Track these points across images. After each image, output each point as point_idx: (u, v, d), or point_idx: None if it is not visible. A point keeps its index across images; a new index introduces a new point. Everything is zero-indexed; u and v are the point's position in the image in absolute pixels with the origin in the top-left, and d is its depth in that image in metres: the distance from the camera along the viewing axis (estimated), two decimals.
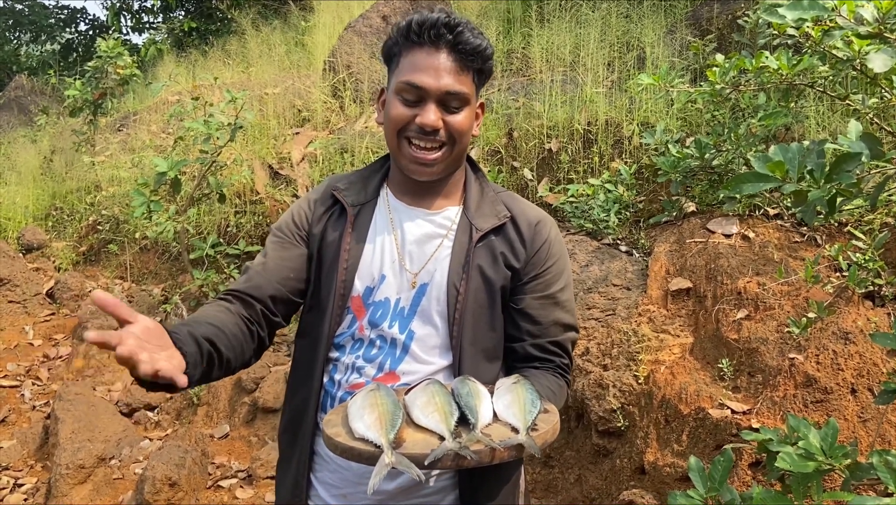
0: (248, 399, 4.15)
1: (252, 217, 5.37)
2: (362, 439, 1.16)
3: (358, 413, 1.21)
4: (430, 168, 1.47)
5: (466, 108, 1.46)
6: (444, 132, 1.44)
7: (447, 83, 1.41)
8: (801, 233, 3.14)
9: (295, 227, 1.56)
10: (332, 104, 6.28)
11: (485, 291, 1.48)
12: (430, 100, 1.42)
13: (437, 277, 1.49)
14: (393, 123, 1.45)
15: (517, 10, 6.57)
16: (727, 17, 4.75)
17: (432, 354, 1.48)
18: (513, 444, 1.16)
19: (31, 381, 4.81)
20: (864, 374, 2.53)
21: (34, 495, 3.64)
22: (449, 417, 1.19)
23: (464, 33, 1.42)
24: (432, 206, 1.55)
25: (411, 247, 1.51)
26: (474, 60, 1.45)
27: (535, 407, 1.24)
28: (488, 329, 1.50)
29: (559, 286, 1.54)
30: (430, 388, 1.28)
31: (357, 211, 1.54)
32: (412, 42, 1.44)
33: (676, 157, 3.33)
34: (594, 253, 3.50)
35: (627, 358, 2.99)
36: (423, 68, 1.41)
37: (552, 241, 1.55)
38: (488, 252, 1.50)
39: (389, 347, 1.49)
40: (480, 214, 1.53)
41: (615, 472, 2.91)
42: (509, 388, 1.30)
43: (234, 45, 8.92)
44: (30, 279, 5.78)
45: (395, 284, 1.50)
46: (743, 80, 3.02)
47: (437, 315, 1.48)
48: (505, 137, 4.61)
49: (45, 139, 8.59)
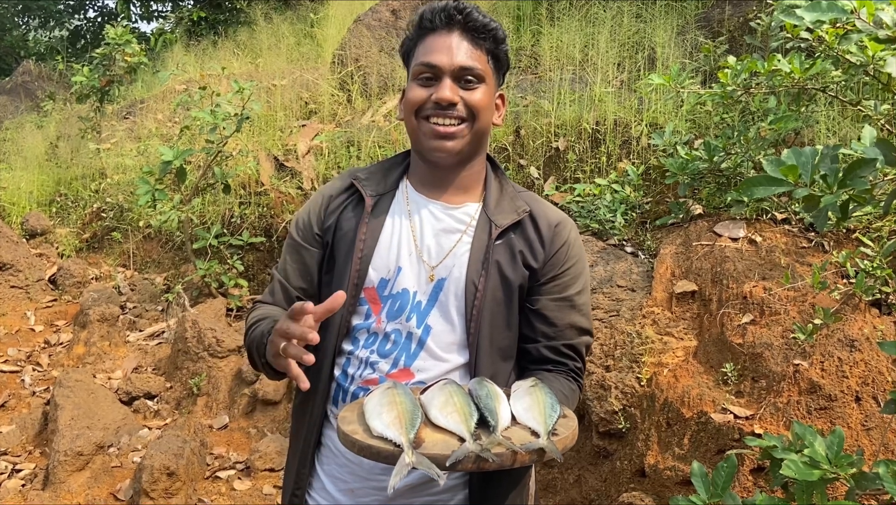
0: (248, 391, 4.14)
1: (256, 208, 5.36)
2: (381, 438, 1.14)
3: (376, 411, 1.18)
4: (451, 142, 1.46)
5: (483, 86, 1.47)
6: (463, 107, 1.45)
7: (461, 59, 1.44)
8: (808, 238, 3.12)
9: (310, 227, 1.57)
10: (340, 97, 6.26)
11: (502, 290, 1.47)
12: (445, 76, 1.44)
13: (456, 273, 1.47)
14: (410, 105, 1.47)
15: (527, 7, 6.55)
16: (739, 20, 4.73)
17: (449, 351, 1.47)
18: (534, 448, 1.14)
19: (32, 366, 4.81)
20: (869, 382, 2.51)
21: (32, 481, 3.64)
22: (469, 419, 1.17)
23: (473, 13, 1.46)
24: (452, 201, 1.54)
25: (429, 239, 1.50)
26: (486, 38, 1.47)
27: (554, 411, 1.22)
28: (505, 328, 1.49)
29: (576, 289, 1.53)
30: (448, 388, 1.25)
31: (375, 200, 1.54)
32: (425, 29, 1.47)
33: (685, 158, 3.31)
34: (599, 253, 3.48)
35: (630, 360, 2.97)
36: (436, 49, 1.45)
37: (571, 243, 1.54)
38: (507, 250, 1.49)
39: (405, 342, 1.47)
40: (500, 211, 1.52)
41: (615, 473, 2.89)
42: (527, 390, 1.28)
43: (243, 36, 8.91)
44: (32, 265, 5.78)
45: (413, 277, 1.49)
46: (754, 83, 3.00)
47: (455, 311, 1.47)
48: (512, 135, 4.59)
49: (51, 125, 8.58)
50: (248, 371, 4.18)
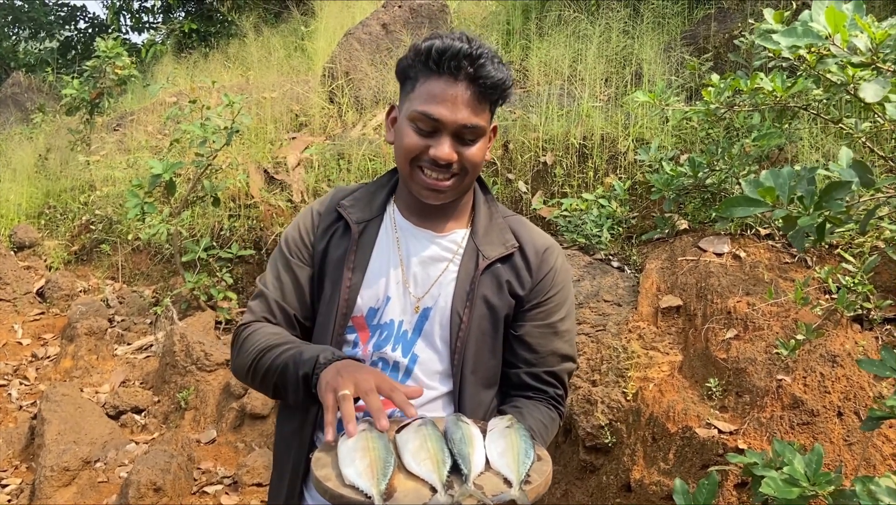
0: (236, 405, 4.13)
1: (246, 221, 5.36)
2: (352, 487, 1.14)
3: (349, 457, 1.18)
4: (442, 194, 1.45)
5: (481, 140, 1.43)
6: (458, 164, 1.42)
7: (464, 116, 1.37)
8: (791, 254, 3.16)
9: (302, 245, 1.56)
10: (330, 110, 6.29)
11: (488, 319, 1.47)
12: (444, 132, 1.38)
13: (441, 303, 1.47)
14: (405, 152, 1.42)
15: (517, 21, 6.60)
16: (724, 36, 4.78)
17: (433, 379, 1.47)
18: (506, 499, 1.15)
19: (19, 380, 4.78)
20: (851, 397, 2.54)
21: (18, 496, 3.61)
22: (441, 467, 1.17)
23: (485, 66, 1.37)
24: (439, 229, 1.53)
25: (416, 269, 1.50)
26: (493, 93, 1.40)
27: (528, 458, 1.22)
28: (490, 357, 1.50)
29: (560, 315, 1.53)
30: (423, 431, 1.25)
31: (362, 228, 1.52)
32: (430, 70, 1.38)
33: (670, 174, 3.35)
34: (586, 268, 3.50)
35: (616, 374, 2.99)
36: (439, 99, 1.37)
37: (558, 269, 1.54)
38: (494, 280, 1.48)
39: (391, 371, 1.47)
40: (488, 242, 1.51)
41: (601, 488, 2.91)
42: (503, 432, 1.28)
43: (234, 48, 8.92)
44: (20, 277, 5.75)
45: (399, 307, 1.49)
46: (738, 101, 3.04)
47: (440, 340, 1.47)
48: (500, 149, 4.62)
49: (40, 137, 8.56)
50: (237, 385, 4.17)
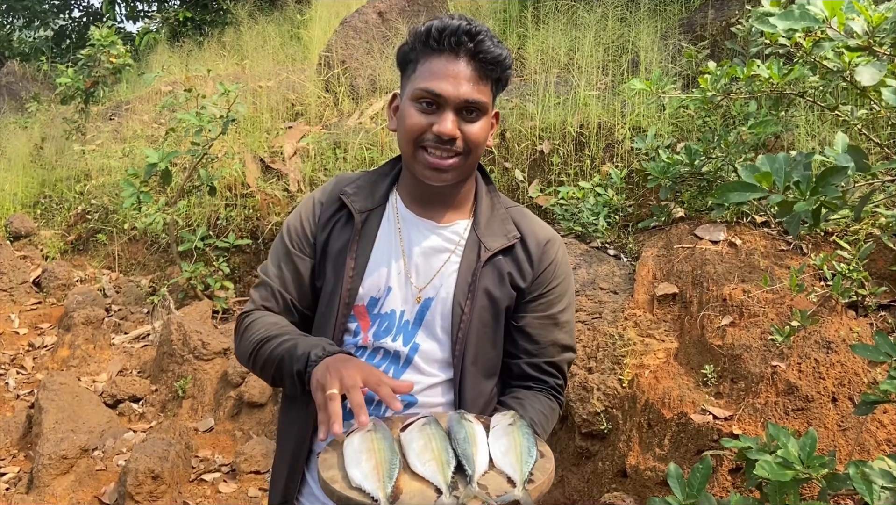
0: (233, 393, 4.14)
1: (242, 210, 5.35)
2: (359, 489, 1.16)
3: (355, 458, 1.20)
4: (445, 174, 1.44)
5: (483, 118, 1.43)
6: (461, 142, 1.42)
7: (466, 91, 1.38)
8: (787, 241, 3.17)
9: (303, 235, 1.56)
10: (326, 99, 6.27)
11: (489, 311, 1.48)
12: (447, 108, 1.39)
13: (443, 294, 1.48)
14: (409, 132, 1.42)
15: (513, 10, 6.58)
16: (721, 24, 4.77)
17: (434, 368, 1.48)
18: (509, 500, 1.17)
19: (16, 369, 4.78)
20: (846, 383, 2.56)
21: (16, 485, 3.62)
22: (446, 468, 1.20)
23: (485, 42, 1.39)
24: (441, 219, 1.53)
25: (418, 259, 1.50)
26: (494, 70, 1.42)
27: (531, 456, 1.25)
28: (490, 347, 1.51)
29: (560, 307, 1.54)
30: (427, 430, 1.27)
31: (364, 218, 1.53)
32: (431, 49, 1.40)
33: (666, 162, 3.35)
34: (582, 256, 3.51)
35: (612, 361, 3.00)
36: (441, 76, 1.38)
37: (559, 261, 1.55)
38: (495, 272, 1.49)
39: (392, 360, 1.48)
40: (490, 233, 1.51)
41: (597, 474, 2.92)
42: (505, 429, 1.30)
43: (229, 37, 8.88)
44: (16, 267, 5.74)
45: (401, 297, 1.49)
46: (734, 88, 3.04)
47: (441, 330, 1.48)
48: (497, 138, 4.61)
49: (35, 126, 8.52)
50: (234, 374, 4.18)
